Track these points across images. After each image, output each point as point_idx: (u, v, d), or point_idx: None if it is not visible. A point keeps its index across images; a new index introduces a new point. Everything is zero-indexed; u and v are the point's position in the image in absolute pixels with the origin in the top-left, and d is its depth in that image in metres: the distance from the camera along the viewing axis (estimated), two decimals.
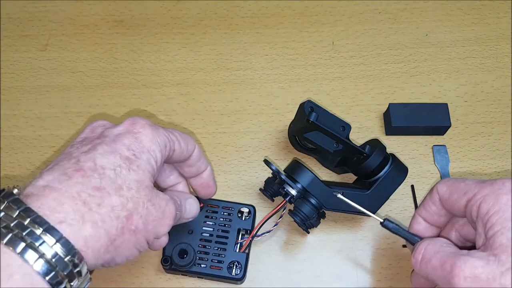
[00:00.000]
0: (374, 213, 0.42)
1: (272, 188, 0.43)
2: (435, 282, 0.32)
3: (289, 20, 0.57)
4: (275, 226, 0.44)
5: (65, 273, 0.26)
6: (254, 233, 0.43)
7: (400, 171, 0.43)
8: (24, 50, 0.55)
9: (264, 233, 0.44)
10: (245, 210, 0.45)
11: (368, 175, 0.42)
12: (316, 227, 0.42)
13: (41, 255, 0.26)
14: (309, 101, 0.43)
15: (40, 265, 0.26)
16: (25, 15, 0.57)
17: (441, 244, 0.32)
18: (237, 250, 0.43)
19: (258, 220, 0.44)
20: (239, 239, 0.43)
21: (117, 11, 0.57)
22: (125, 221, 0.29)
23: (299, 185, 0.41)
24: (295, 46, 0.55)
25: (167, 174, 0.40)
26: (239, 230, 0.44)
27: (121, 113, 0.52)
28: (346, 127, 0.44)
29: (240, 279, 0.42)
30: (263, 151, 0.50)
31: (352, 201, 0.41)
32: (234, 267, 0.42)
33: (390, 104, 0.50)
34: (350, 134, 0.45)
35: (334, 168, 0.47)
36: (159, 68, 0.54)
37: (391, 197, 0.42)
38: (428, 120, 0.49)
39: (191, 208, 0.38)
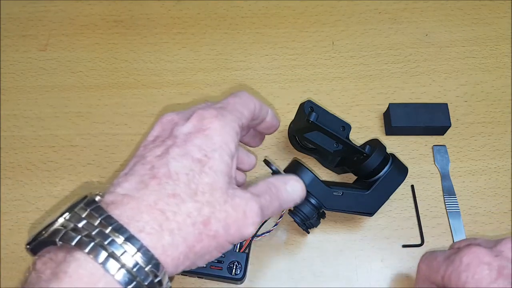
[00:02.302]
0: (374, 213, 0.42)
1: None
2: None
3: (289, 20, 0.57)
4: (275, 226, 0.44)
5: (146, 283, 0.26)
6: (254, 233, 0.43)
7: (400, 171, 0.43)
8: (24, 50, 0.55)
9: (264, 233, 0.44)
10: None
11: (368, 175, 0.42)
12: (316, 227, 0.42)
13: (123, 265, 0.25)
14: (309, 101, 0.43)
15: (121, 275, 0.25)
16: (25, 15, 0.57)
17: None
18: (237, 250, 0.43)
19: None
20: None
21: (117, 11, 0.57)
22: (202, 227, 0.28)
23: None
24: (295, 46, 0.55)
25: None
26: None
27: (121, 113, 0.51)
28: (346, 127, 0.44)
29: (240, 279, 0.42)
30: (263, 151, 0.50)
31: (352, 201, 0.41)
32: (234, 267, 0.42)
33: (390, 104, 0.50)
34: (350, 134, 0.45)
35: (334, 168, 0.47)
36: (159, 68, 0.54)
37: (391, 197, 0.42)
38: (428, 120, 0.49)
39: (295, 191, 0.35)
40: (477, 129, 0.51)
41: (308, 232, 0.43)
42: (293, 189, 0.35)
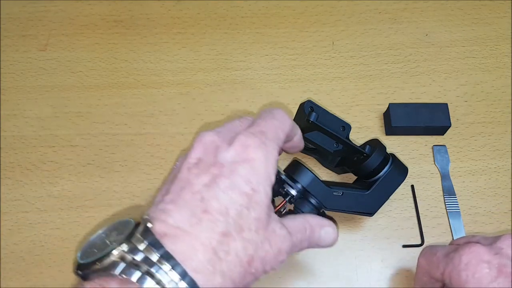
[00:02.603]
0: (374, 213, 0.42)
1: (272, 188, 0.43)
2: None
3: (289, 20, 0.57)
4: None
5: None
6: None
7: (400, 171, 0.43)
8: (24, 50, 0.55)
9: None
10: None
11: (368, 175, 0.42)
12: None
13: None
14: (309, 101, 0.43)
15: None
16: (25, 15, 0.57)
17: None
18: None
19: None
20: None
21: (117, 11, 0.57)
22: (247, 266, 0.29)
23: (299, 185, 0.41)
24: (295, 46, 0.55)
25: None
26: None
27: (121, 113, 0.51)
28: (346, 127, 0.44)
29: None
30: None
31: (352, 201, 0.41)
32: None
33: (390, 104, 0.50)
34: (350, 134, 0.45)
35: (334, 168, 0.47)
36: (159, 68, 0.54)
37: (391, 197, 0.42)
38: (428, 120, 0.49)
39: (327, 237, 0.36)
40: (477, 129, 0.51)
41: None
42: (326, 235, 0.36)
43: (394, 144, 0.50)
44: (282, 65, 0.54)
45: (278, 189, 0.43)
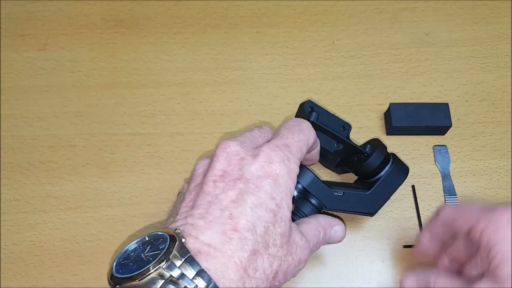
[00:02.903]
0: (375, 213, 0.42)
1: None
2: None
3: (289, 20, 0.57)
4: None
5: None
6: None
7: (401, 170, 0.43)
8: (23, 50, 0.55)
9: None
10: None
11: (369, 175, 0.42)
12: None
13: None
14: (309, 101, 0.43)
15: None
16: (24, 14, 0.57)
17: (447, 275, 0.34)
18: None
19: None
20: None
21: (116, 11, 0.57)
22: (272, 279, 0.30)
23: (299, 185, 0.41)
24: (295, 46, 0.55)
25: None
26: None
27: (121, 113, 0.51)
28: (347, 127, 0.44)
29: None
30: None
31: (353, 201, 0.41)
32: None
33: (391, 104, 0.50)
34: (350, 134, 0.44)
35: (335, 168, 0.47)
36: (158, 67, 0.54)
37: (392, 197, 0.42)
38: (429, 120, 0.49)
39: (337, 235, 0.38)
40: (478, 129, 0.51)
41: None
42: (336, 234, 0.38)
43: (395, 144, 0.50)
44: (282, 64, 0.54)
45: None
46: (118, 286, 0.28)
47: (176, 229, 0.29)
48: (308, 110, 0.42)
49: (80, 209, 0.47)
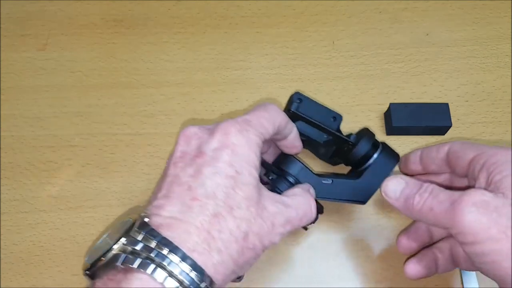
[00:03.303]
0: (366, 201, 0.41)
1: (262, 181, 0.42)
2: (430, 219, 0.33)
3: (289, 20, 0.57)
4: None
5: None
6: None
7: (391, 156, 0.42)
8: (23, 50, 0.55)
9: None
10: None
11: (358, 163, 0.42)
12: (314, 222, 0.42)
13: (180, 283, 0.27)
14: (297, 93, 0.42)
15: None
16: (24, 14, 0.57)
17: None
18: None
19: None
20: None
21: (116, 11, 0.57)
22: (243, 242, 0.31)
23: (291, 178, 0.40)
24: (295, 46, 0.55)
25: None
26: None
27: (121, 113, 0.51)
28: (337, 117, 0.43)
29: (239, 278, 0.42)
30: None
31: (343, 189, 0.40)
32: None
33: (391, 104, 0.50)
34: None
35: (329, 159, 0.46)
36: (158, 67, 0.54)
37: None
38: (429, 120, 0.49)
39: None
40: (478, 129, 0.51)
41: (306, 229, 0.43)
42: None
43: (395, 144, 0.50)
44: (282, 64, 0.54)
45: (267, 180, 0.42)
46: (89, 272, 0.29)
47: (142, 213, 0.31)
48: (297, 102, 0.42)
49: (80, 209, 0.47)
